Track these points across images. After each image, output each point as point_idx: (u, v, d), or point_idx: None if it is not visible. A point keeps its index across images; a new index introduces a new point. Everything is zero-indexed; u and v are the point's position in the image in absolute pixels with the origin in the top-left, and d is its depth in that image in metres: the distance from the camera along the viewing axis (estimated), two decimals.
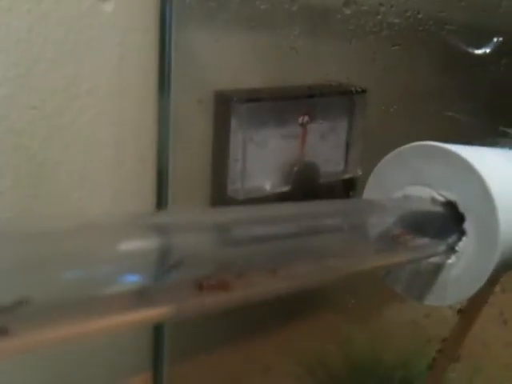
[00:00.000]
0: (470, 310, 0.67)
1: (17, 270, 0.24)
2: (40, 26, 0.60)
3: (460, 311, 0.67)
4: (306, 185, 0.76)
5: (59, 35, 0.61)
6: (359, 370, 0.85)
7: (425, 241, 0.41)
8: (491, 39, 0.75)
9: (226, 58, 0.70)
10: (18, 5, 0.58)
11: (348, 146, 0.80)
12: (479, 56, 0.77)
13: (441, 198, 0.42)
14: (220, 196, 0.72)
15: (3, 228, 0.25)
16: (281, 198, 0.74)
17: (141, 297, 0.26)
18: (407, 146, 0.43)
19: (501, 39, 0.75)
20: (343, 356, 0.85)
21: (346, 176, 0.80)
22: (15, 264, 0.24)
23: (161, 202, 0.70)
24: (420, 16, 0.72)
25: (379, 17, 0.71)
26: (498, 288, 0.76)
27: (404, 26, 0.72)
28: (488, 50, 0.76)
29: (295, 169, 0.75)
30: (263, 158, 0.72)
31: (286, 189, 0.75)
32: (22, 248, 0.24)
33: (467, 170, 0.40)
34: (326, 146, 0.78)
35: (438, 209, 0.42)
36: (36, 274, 0.24)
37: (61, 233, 0.27)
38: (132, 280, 0.26)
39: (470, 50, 0.76)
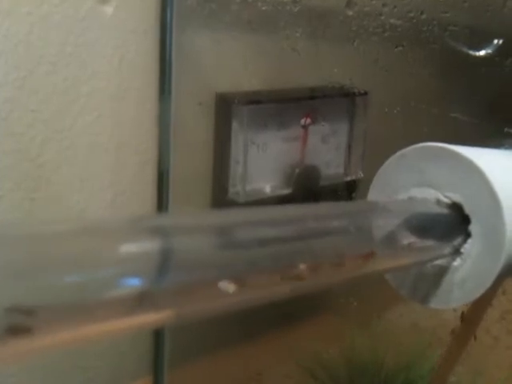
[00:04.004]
0: (474, 313, 0.66)
1: (18, 273, 0.23)
2: (40, 29, 0.60)
3: (463, 315, 0.67)
4: (307, 187, 0.76)
5: (59, 38, 0.61)
6: (361, 373, 0.85)
7: (430, 243, 0.41)
8: (494, 40, 0.75)
9: (227, 60, 0.70)
10: (17, 7, 0.58)
11: (349, 148, 0.80)
12: (483, 57, 0.77)
13: (446, 200, 0.41)
14: (221, 198, 0.72)
15: (4, 231, 0.25)
16: (282, 200, 0.74)
17: (142, 300, 0.26)
18: (412, 147, 0.43)
19: (502, 40, 0.75)
20: (345, 359, 0.85)
21: (348, 178, 0.80)
22: (16, 267, 0.24)
23: (161, 204, 0.70)
24: (423, 17, 0.72)
25: (382, 18, 0.70)
26: (499, 290, 0.76)
27: (407, 27, 0.72)
28: (491, 51, 0.76)
29: (296, 171, 0.74)
30: (264, 160, 0.72)
31: (287, 191, 0.75)
32: (22, 251, 0.24)
33: (473, 171, 0.40)
34: (327, 149, 0.78)
35: (444, 211, 0.41)
36: (37, 277, 0.24)
37: (61, 236, 0.26)
38: (133, 283, 0.26)
39: (473, 51, 0.76)
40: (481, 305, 0.65)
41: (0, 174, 0.61)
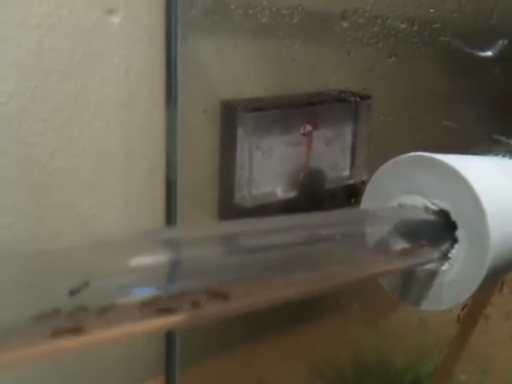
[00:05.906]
0: (470, 316, 0.67)
1: (39, 282, 0.25)
2: (49, 40, 0.61)
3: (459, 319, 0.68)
4: (312, 191, 0.76)
5: (68, 48, 0.62)
6: (368, 373, 0.85)
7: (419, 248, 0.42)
8: (484, 49, 0.76)
9: (231, 68, 0.71)
10: (27, 20, 0.59)
11: (353, 151, 0.80)
12: (471, 67, 0.78)
13: (434, 207, 0.42)
14: (228, 203, 0.73)
15: (25, 245, 0.27)
16: (288, 203, 0.74)
17: (152, 306, 0.28)
18: (402, 156, 0.44)
19: (492, 49, 0.76)
20: (351, 359, 0.86)
21: (353, 181, 0.81)
22: (37, 277, 0.25)
23: (170, 210, 0.71)
24: (414, 28, 0.72)
25: (375, 29, 0.71)
26: (506, 289, 0.77)
27: (400, 37, 0.72)
28: (481, 59, 0.76)
29: (301, 175, 0.75)
30: (269, 165, 0.73)
31: (292, 195, 0.75)
32: (43, 263, 0.26)
33: (458, 179, 0.41)
34: (331, 152, 0.78)
35: (431, 217, 0.43)
36: (56, 286, 0.25)
37: (79, 249, 0.28)
38: (145, 291, 0.28)
39: (463, 60, 0.77)
40: (476, 306, 0.66)
41: (12, 183, 0.62)
